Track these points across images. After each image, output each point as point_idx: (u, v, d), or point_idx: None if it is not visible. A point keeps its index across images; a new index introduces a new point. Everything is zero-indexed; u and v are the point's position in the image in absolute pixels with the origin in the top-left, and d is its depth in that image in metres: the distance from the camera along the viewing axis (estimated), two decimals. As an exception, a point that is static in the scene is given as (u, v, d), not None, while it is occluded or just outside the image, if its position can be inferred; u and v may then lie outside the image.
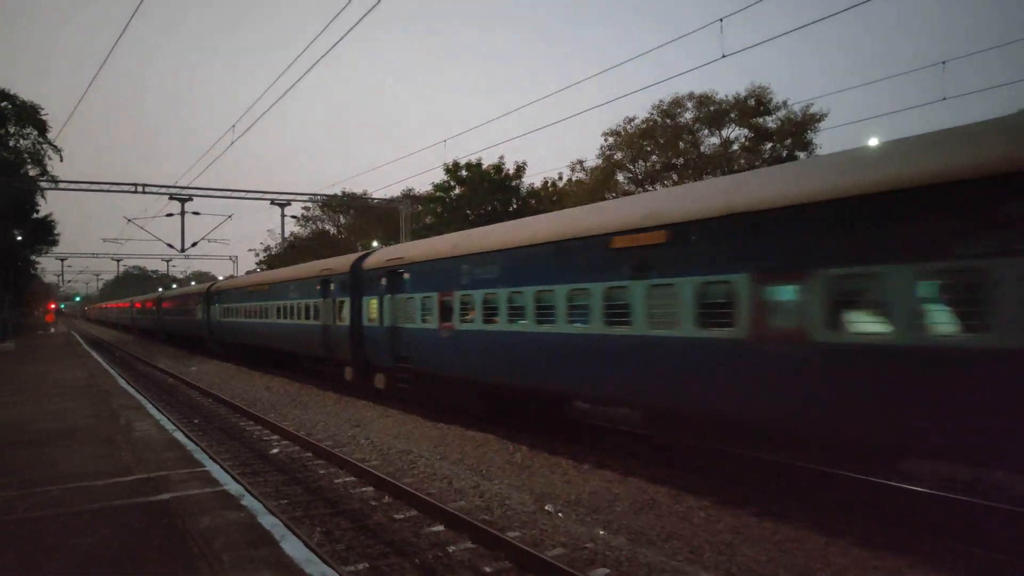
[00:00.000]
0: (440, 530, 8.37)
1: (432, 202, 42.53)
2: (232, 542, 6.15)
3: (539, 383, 12.01)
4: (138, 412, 14.41)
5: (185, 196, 36.63)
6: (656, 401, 9.79)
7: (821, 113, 37.98)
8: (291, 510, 9.28)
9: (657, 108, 41.67)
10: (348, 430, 15.06)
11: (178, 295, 48.61)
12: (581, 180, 45.27)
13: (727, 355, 8.38)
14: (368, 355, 18.31)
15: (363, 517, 9.02)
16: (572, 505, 9.18)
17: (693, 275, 8.82)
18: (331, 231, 64.42)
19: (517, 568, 7.14)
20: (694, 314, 8.80)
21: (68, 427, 12.35)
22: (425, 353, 15.35)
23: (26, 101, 41.11)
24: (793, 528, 7.97)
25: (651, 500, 9.23)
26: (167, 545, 6.09)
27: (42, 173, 42.07)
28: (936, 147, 6.93)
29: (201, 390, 22.85)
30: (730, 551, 7.42)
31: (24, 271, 52.32)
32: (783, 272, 7.80)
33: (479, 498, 9.65)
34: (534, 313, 11.75)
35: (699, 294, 8.75)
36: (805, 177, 8.10)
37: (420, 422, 15.43)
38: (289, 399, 20.33)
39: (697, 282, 8.77)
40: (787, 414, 7.84)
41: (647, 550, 7.52)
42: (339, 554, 7.62)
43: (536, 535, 8.07)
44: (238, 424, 16.58)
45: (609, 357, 10.21)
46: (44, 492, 7.94)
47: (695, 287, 8.79)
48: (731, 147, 40.76)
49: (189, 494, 7.83)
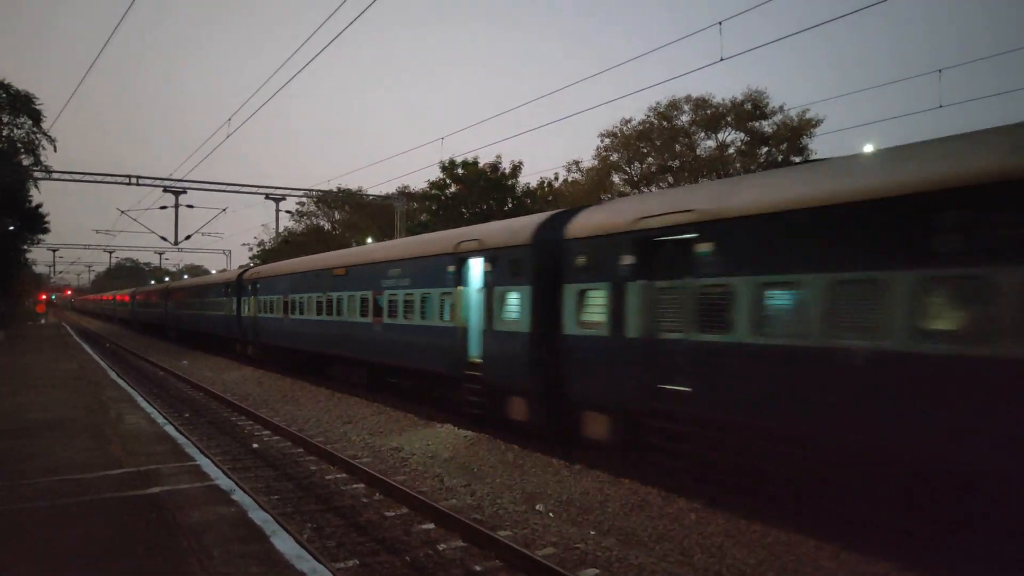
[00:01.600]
0: (431, 528, 8.36)
1: (427, 200, 42.46)
2: (222, 537, 6.12)
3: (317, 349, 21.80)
4: (128, 404, 14.34)
5: (179, 189, 36.49)
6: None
7: (817, 118, 38.12)
8: (282, 506, 9.25)
9: (654, 110, 41.72)
10: (339, 426, 15.03)
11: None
12: (577, 181, 45.27)
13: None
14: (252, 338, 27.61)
15: (354, 514, 9.00)
16: (563, 505, 9.18)
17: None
18: (326, 227, 64.22)
19: (507, 567, 7.14)
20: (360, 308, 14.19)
21: (57, 419, 12.28)
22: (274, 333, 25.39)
23: (20, 90, 40.80)
24: (783, 531, 7.98)
25: (642, 501, 9.24)
26: (156, 539, 6.06)
27: (35, 163, 41.79)
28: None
29: (192, 384, 22.76)
30: (720, 553, 7.44)
31: (14, 261, 51.92)
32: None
33: (470, 497, 9.64)
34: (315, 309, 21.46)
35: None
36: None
37: (413, 420, 15.40)
38: (280, 394, 20.26)
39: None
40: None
41: (638, 551, 7.53)
42: (329, 550, 7.60)
43: (527, 534, 8.07)
44: (229, 418, 16.52)
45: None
46: (32, 484, 7.88)
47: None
48: (727, 151, 40.86)
49: (179, 488, 7.80)
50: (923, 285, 6.53)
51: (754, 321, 8.06)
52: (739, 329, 8.22)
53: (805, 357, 7.49)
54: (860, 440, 7.04)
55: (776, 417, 7.90)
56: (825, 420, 7.35)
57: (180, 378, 24.56)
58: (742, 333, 8.18)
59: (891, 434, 6.79)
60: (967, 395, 6.26)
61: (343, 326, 19.66)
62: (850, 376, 7.04)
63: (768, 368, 7.91)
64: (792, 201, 7.89)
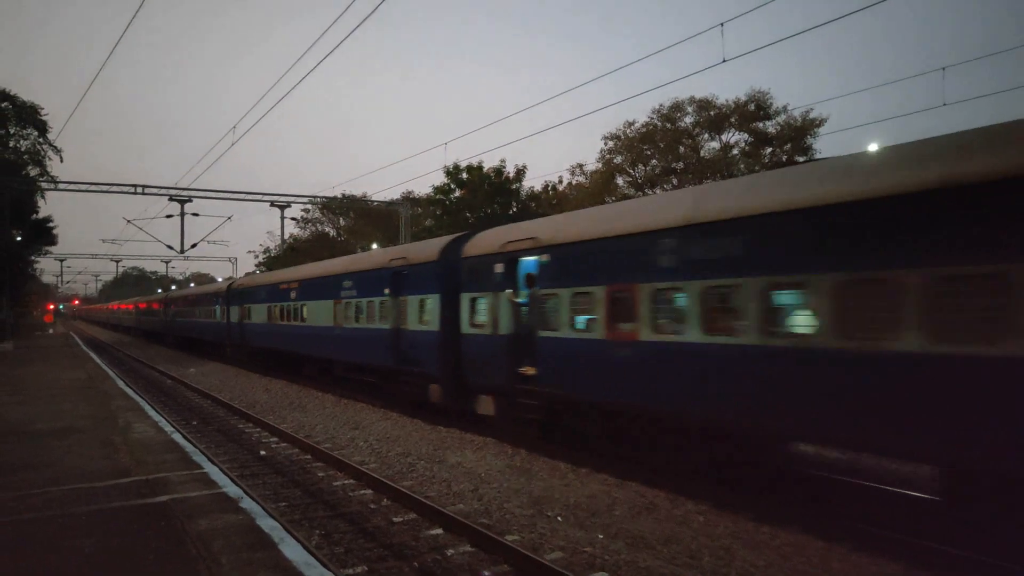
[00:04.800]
0: (439, 533, 8.36)
1: (432, 205, 42.56)
2: (231, 545, 6.14)
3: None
4: (137, 413, 14.39)
5: (184, 197, 36.68)
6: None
7: (821, 118, 38.06)
8: (290, 513, 9.27)
9: (657, 112, 41.73)
10: (347, 432, 15.05)
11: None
12: (581, 184, 45.30)
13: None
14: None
15: (362, 520, 9.01)
16: (571, 509, 9.17)
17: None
18: (331, 233, 64.40)
19: (516, 572, 7.14)
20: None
21: (66, 428, 12.34)
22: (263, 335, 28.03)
23: (26, 102, 41.14)
24: (792, 533, 7.96)
25: (650, 504, 9.23)
26: (165, 547, 6.08)
27: (42, 174, 42.09)
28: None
29: (200, 392, 22.83)
30: (728, 556, 7.42)
31: (22, 271, 52.24)
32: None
33: (478, 501, 9.65)
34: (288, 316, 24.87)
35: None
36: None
37: (419, 425, 15.41)
38: (288, 401, 20.32)
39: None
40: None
41: (646, 554, 7.51)
42: (338, 557, 7.62)
43: (535, 539, 8.06)
44: (237, 426, 16.56)
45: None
46: (42, 493, 7.92)
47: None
48: (731, 152, 40.82)
49: (187, 496, 7.82)
50: (653, 295, 9.57)
51: (568, 321, 11.24)
52: (562, 327, 11.38)
53: (591, 345, 10.72)
54: (632, 401, 10.17)
55: (588, 389, 11.03)
56: (608, 388, 10.50)
57: (188, 386, 24.66)
58: (564, 330, 11.33)
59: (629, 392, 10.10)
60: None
61: (308, 329, 23.18)
62: (615, 356, 10.24)
63: (575, 353, 11.12)
64: (580, 235, 11.19)
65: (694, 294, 8.93)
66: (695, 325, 8.90)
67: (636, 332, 9.84)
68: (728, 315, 8.50)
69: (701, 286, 8.83)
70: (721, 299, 8.62)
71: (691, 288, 8.98)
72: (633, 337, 9.89)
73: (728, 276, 8.48)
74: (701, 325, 8.82)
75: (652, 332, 9.60)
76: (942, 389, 6.46)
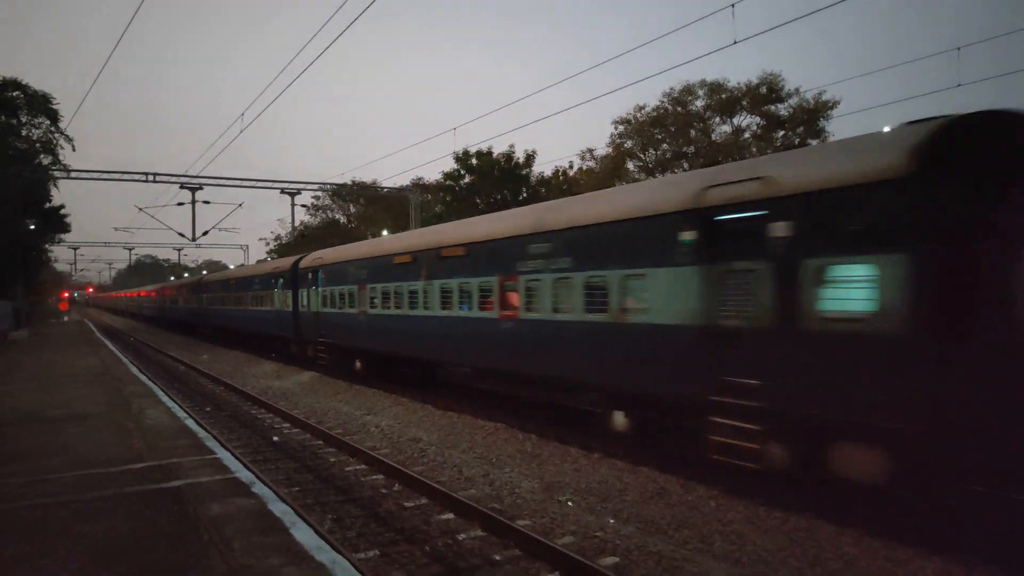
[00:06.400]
0: (450, 518, 8.39)
1: (442, 191, 42.44)
2: (243, 529, 6.18)
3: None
4: (150, 399, 14.50)
5: (196, 185, 36.80)
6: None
7: (833, 100, 37.55)
8: (302, 497, 9.33)
9: (668, 96, 41.29)
10: (359, 417, 15.12)
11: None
12: (591, 168, 45.01)
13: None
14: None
15: (373, 505, 9.05)
16: (582, 494, 9.17)
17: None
18: (341, 220, 64.44)
19: (527, 556, 7.15)
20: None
21: (81, 414, 12.45)
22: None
23: (37, 91, 41.23)
24: (803, 518, 7.92)
25: (661, 489, 9.21)
26: (178, 532, 6.13)
27: (54, 162, 42.28)
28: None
29: (212, 377, 22.99)
30: (740, 540, 7.39)
31: (36, 259, 52.65)
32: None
33: (489, 487, 9.67)
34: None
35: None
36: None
37: (430, 411, 15.45)
38: (300, 387, 20.42)
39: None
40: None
41: (657, 539, 7.50)
42: (349, 541, 7.65)
43: (546, 523, 8.07)
44: (249, 412, 16.67)
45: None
46: (57, 478, 8.00)
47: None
48: (743, 135, 40.40)
49: (200, 481, 7.87)
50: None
51: (340, 302, 21.19)
52: (336, 307, 21.52)
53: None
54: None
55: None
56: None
57: (201, 373, 24.84)
58: (329, 308, 22.01)
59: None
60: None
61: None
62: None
63: (337, 322, 20.99)
64: (365, 255, 19.74)
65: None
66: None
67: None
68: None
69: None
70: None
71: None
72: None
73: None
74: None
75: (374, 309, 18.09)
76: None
